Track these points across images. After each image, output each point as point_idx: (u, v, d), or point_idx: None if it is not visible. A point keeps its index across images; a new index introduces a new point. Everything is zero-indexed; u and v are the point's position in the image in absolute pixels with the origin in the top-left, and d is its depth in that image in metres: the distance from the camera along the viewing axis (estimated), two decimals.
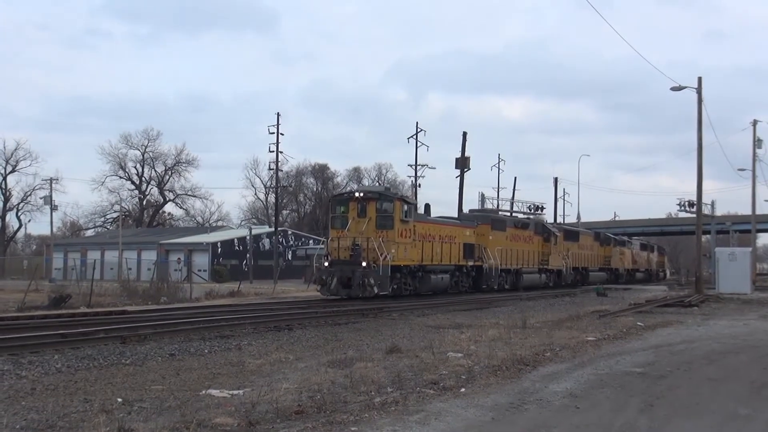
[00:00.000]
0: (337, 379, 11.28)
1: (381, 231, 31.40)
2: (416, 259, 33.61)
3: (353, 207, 32.38)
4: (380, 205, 32.15)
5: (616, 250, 66.50)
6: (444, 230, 37.21)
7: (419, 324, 22.38)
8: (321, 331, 20.00)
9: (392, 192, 34.36)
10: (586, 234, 62.26)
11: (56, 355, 14.77)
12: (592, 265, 60.63)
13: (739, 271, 46.39)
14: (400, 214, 32.16)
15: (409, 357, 13.84)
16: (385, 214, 31.97)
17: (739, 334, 20.37)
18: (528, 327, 19.64)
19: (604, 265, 63.30)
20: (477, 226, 41.34)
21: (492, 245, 41.82)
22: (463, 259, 38.63)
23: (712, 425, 8.67)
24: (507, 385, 11.13)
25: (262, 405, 9.24)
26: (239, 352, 15.71)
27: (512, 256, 44.50)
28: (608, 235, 67.48)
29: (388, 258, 30.39)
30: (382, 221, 31.82)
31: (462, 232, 39.32)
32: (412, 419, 8.62)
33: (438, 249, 35.62)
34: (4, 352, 14.57)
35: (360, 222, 31.62)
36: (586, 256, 59.28)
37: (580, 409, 9.56)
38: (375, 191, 33.57)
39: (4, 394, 10.90)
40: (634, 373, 12.66)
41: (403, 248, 32.15)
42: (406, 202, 33.29)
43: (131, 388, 11.29)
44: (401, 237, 32.03)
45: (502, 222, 45.67)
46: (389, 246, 30.79)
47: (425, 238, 34.44)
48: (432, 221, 36.86)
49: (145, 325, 18.97)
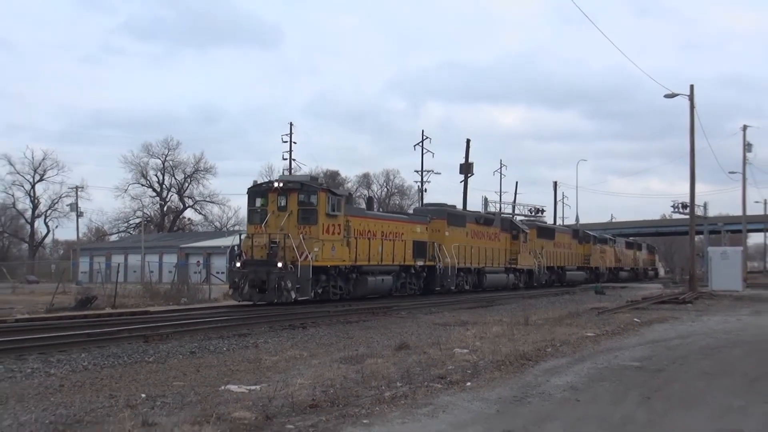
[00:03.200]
0: (349, 374, 11.28)
1: (303, 226, 26.55)
2: (348, 258, 28.58)
3: (273, 199, 27.17)
4: (302, 197, 26.95)
5: (597, 248, 62.69)
6: (387, 226, 32.17)
7: (427, 321, 22.35)
8: (333, 329, 20.00)
9: (317, 182, 28.21)
10: (563, 231, 58.61)
11: (83, 353, 14.80)
12: (570, 264, 56.48)
13: (730, 270, 46.42)
14: (326, 207, 27.01)
15: (417, 353, 13.83)
16: (308, 207, 26.85)
17: (732, 329, 20.30)
18: (530, 324, 19.60)
19: (583, 264, 59.51)
20: (430, 222, 36.17)
21: (448, 242, 36.57)
22: (411, 258, 33.55)
23: (708, 417, 8.63)
24: (511, 379, 11.11)
25: (278, 399, 9.24)
26: (256, 350, 15.72)
27: (473, 254, 39.34)
28: (587, 233, 63.86)
29: (309, 257, 25.64)
30: (304, 215, 26.78)
31: (411, 228, 34.16)
32: (421, 412, 8.62)
33: (378, 247, 30.65)
34: (34, 351, 14.64)
35: (280, 216, 26.58)
36: (563, 255, 55.00)
37: (580, 401, 9.54)
38: (296, 181, 28.04)
39: (34, 391, 10.94)
40: (631, 368, 12.64)
41: (329, 246, 27.23)
42: (333, 194, 27.91)
43: (154, 385, 11.31)
44: (327, 233, 27.11)
45: (461, 217, 40.23)
46: (311, 244, 26.02)
47: (362, 235, 29.71)
48: (372, 216, 32.33)
49: (167, 325, 19.00)
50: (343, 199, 28.61)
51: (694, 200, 45.51)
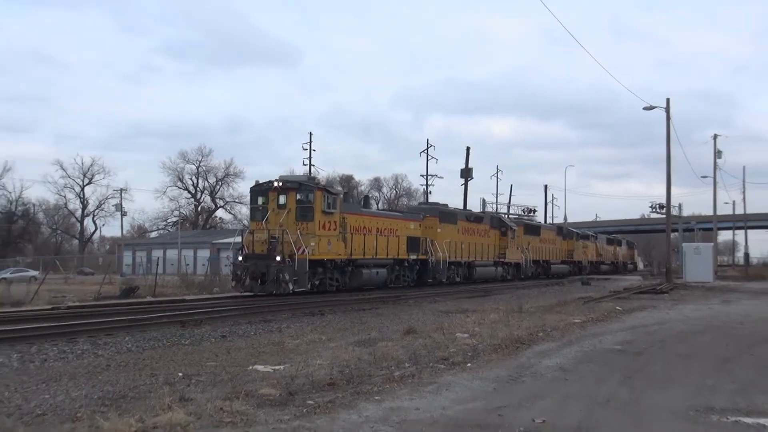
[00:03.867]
0: (362, 356, 11.29)
1: (300, 223, 25.56)
2: (343, 253, 27.69)
3: (273, 198, 26.32)
4: (300, 196, 26.02)
5: (579, 244, 61.09)
6: (383, 223, 31.27)
7: (431, 309, 22.34)
8: (348, 316, 20.03)
9: (314, 182, 27.09)
10: (548, 228, 57.53)
11: (127, 336, 14.92)
12: (554, 258, 54.95)
13: (703, 263, 46.42)
14: (322, 205, 26.07)
15: (423, 337, 13.82)
16: (305, 205, 25.87)
17: (705, 316, 20.22)
18: (523, 311, 19.55)
19: (567, 258, 57.81)
20: (423, 219, 35.23)
21: (440, 238, 35.59)
22: (405, 252, 32.63)
23: (683, 395, 8.61)
24: (506, 360, 11.10)
25: (300, 378, 9.26)
26: (280, 334, 15.77)
27: (464, 249, 38.40)
28: (570, 230, 62.70)
29: (305, 252, 24.80)
30: (302, 213, 25.82)
31: (405, 225, 33.30)
32: (426, 390, 8.62)
33: (373, 242, 29.72)
34: (83, 335, 14.76)
35: (279, 213, 25.69)
36: (547, 250, 53.68)
37: (568, 380, 9.53)
38: (294, 180, 27.03)
39: (84, 370, 11.02)
40: (614, 350, 12.60)
41: (325, 241, 26.32)
42: (329, 193, 26.97)
43: (190, 365, 11.35)
44: (323, 229, 26.19)
45: (452, 215, 39.06)
46: (308, 239, 25.14)
47: (358, 231, 28.80)
48: (368, 213, 31.26)
49: (201, 312, 19.07)
50: (338, 197, 27.77)
51: (670, 201, 45.46)
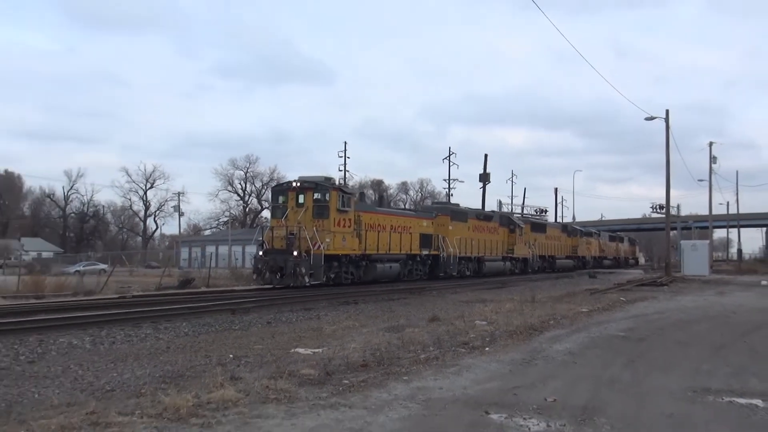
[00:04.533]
0: (391, 340, 11.29)
1: (317, 220, 24.37)
2: (357, 248, 26.39)
3: (292, 197, 25.10)
4: (316, 195, 24.82)
5: (583, 240, 58.79)
6: (396, 221, 29.81)
7: (453, 299, 22.29)
8: (379, 305, 20.04)
9: (330, 182, 25.92)
10: (553, 226, 55.18)
11: (184, 322, 15.04)
12: (559, 254, 52.76)
13: (699, 259, 45.83)
14: (337, 203, 24.88)
15: (446, 324, 13.79)
16: (321, 203, 24.67)
17: (701, 306, 19.93)
18: (536, 301, 19.42)
19: (571, 254, 55.64)
20: (436, 217, 33.76)
21: (451, 235, 34.12)
22: (418, 248, 31.23)
23: (681, 378, 8.49)
24: (521, 345, 11.03)
25: (336, 360, 9.28)
26: (318, 321, 15.82)
27: (474, 245, 36.79)
28: (575, 228, 60.94)
29: (321, 247, 23.63)
30: (318, 211, 24.58)
31: (418, 222, 31.86)
32: (449, 371, 8.60)
33: (387, 239, 28.32)
34: (146, 321, 14.91)
35: (298, 211, 24.45)
36: (553, 246, 51.36)
37: (577, 364, 9.44)
38: (312, 181, 25.67)
39: (147, 351, 11.16)
40: (618, 337, 12.47)
41: (340, 237, 25.06)
42: (344, 192, 25.80)
43: (239, 347, 11.43)
44: (338, 226, 24.97)
45: (463, 214, 37.36)
46: (323, 235, 23.98)
47: (372, 228, 27.42)
48: (382, 212, 29.75)
49: (249, 301, 19.17)
50: (352, 196, 26.59)
51: (670, 203, 44.94)
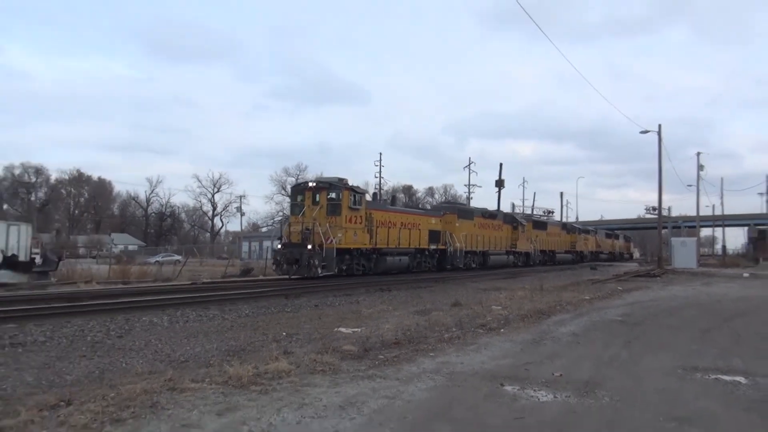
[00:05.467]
0: (420, 322, 11.28)
1: (330, 217, 23.36)
2: (368, 243, 25.14)
3: (308, 195, 24.11)
4: (330, 194, 23.81)
5: (581, 237, 57.07)
6: (406, 218, 28.53)
7: (473, 287, 22.15)
8: (408, 292, 20.02)
9: (343, 182, 24.48)
10: (554, 224, 53.49)
11: (245, 305, 15.19)
12: (559, 249, 51.11)
13: (688, 254, 45.13)
14: (349, 202, 23.73)
15: (466, 308, 13.73)
16: (335, 202, 23.62)
17: (690, 295, 19.48)
18: (544, 290, 19.20)
19: (570, 249, 54.00)
20: (444, 215, 32.38)
21: (458, 231, 32.65)
22: (426, 243, 29.80)
23: (673, 357, 8.32)
24: (531, 327, 10.92)
25: (373, 338, 9.30)
26: (357, 305, 15.86)
27: (479, 240, 35.37)
28: (573, 225, 59.40)
29: (333, 241, 22.58)
30: (332, 208, 23.56)
31: (427, 220, 30.51)
32: (469, 349, 8.56)
33: (397, 234, 27.07)
34: (214, 303, 15.11)
35: (313, 209, 23.51)
36: (553, 241, 49.83)
37: (580, 344, 9.31)
38: (326, 181, 24.68)
39: (215, 329, 11.31)
40: (616, 321, 12.26)
41: (351, 233, 23.90)
42: (355, 192, 24.40)
43: (291, 327, 11.52)
44: (350, 223, 23.83)
45: (469, 212, 36.04)
46: (335, 231, 22.91)
47: (383, 225, 26.25)
48: (393, 210, 28.44)
49: (299, 288, 19.32)
50: (363, 196, 25.11)
51: (662, 205, 44.07)
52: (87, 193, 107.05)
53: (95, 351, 8.99)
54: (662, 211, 45.87)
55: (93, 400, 5.43)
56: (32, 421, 4.88)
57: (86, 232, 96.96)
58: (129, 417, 4.97)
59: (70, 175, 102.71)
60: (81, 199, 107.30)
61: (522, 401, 5.81)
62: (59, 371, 7.61)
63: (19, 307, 13.06)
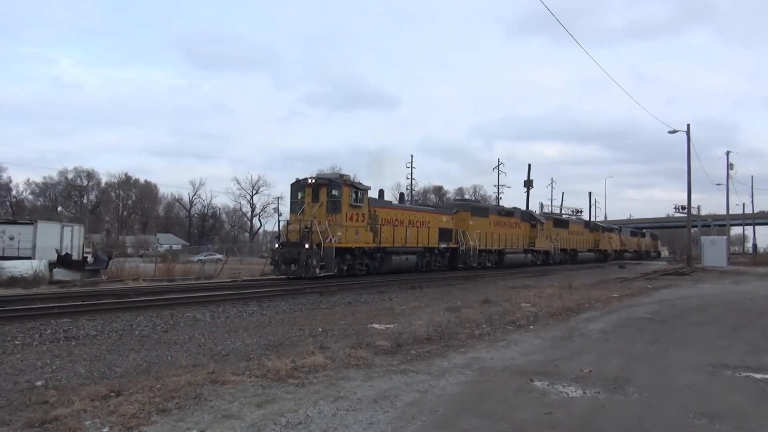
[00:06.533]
0: (450, 319, 11.23)
1: (330, 215, 21.60)
2: (372, 241, 23.37)
3: (308, 192, 22.20)
4: (330, 191, 21.97)
5: (605, 235, 54.00)
6: (415, 216, 26.69)
7: (502, 285, 21.94)
8: (440, 289, 19.94)
9: (343, 179, 22.67)
10: (576, 222, 50.30)
11: (282, 301, 15.32)
12: (581, 247, 48.03)
13: (718, 252, 43.83)
14: (349, 199, 21.96)
15: (496, 305, 13.61)
16: (335, 199, 21.88)
17: (719, 293, 18.95)
18: (573, 288, 18.90)
19: (593, 247, 50.85)
20: (456, 213, 30.42)
21: (471, 229, 30.58)
22: (436, 242, 27.87)
23: (702, 353, 8.11)
24: (560, 324, 10.78)
25: (405, 334, 9.29)
26: (390, 302, 15.87)
27: (494, 238, 33.19)
28: (597, 224, 56.51)
29: (332, 240, 20.87)
30: (332, 206, 21.79)
31: (437, 218, 28.53)
32: (499, 345, 8.48)
33: (403, 233, 25.27)
34: (253, 300, 15.28)
35: (313, 206, 21.73)
36: (575, 240, 46.85)
37: (609, 340, 9.15)
38: (326, 178, 22.76)
39: (254, 324, 11.45)
40: (645, 318, 12.01)
41: (353, 231, 22.17)
42: (356, 189, 22.52)
43: (326, 323, 11.60)
44: (350, 221, 22.10)
45: (484, 209, 33.86)
46: (335, 229, 21.20)
47: (389, 223, 24.49)
48: (399, 207, 26.62)
49: (334, 285, 19.36)
50: (365, 192, 23.10)
51: (691, 204, 42.98)
52: (134, 195, 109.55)
53: (143, 345, 9.20)
54: (691, 210, 44.78)
55: (141, 391, 5.57)
56: (85, 410, 5.02)
57: (134, 232, 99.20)
58: (174, 407, 5.07)
59: (119, 179, 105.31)
60: (129, 202, 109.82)
61: (551, 396, 5.74)
62: (109, 363, 7.82)
63: (73, 303, 13.47)
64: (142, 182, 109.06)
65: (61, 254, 27.61)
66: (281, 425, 4.67)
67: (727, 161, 57.72)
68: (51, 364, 7.74)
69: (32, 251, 27.36)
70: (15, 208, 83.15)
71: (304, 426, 4.66)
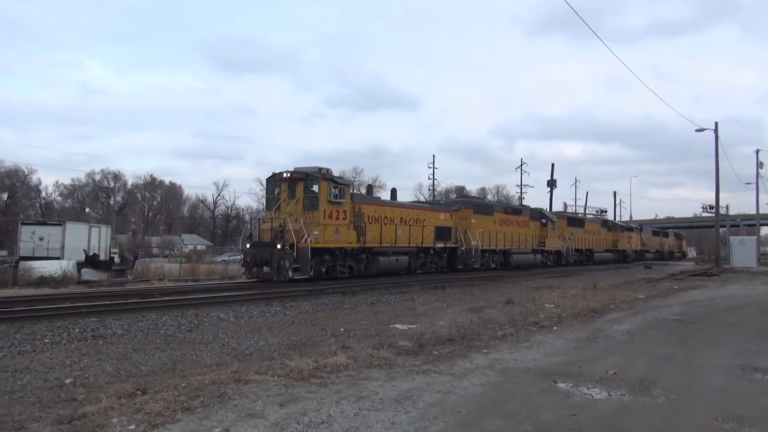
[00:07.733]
0: (473, 319, 11.17)
1: (307, 212, 19.75)
2: (355, 241, 21.43)
3: (284, 188, 20.29)
4: (307, 186, 20.06)
5: (624, 235, 51.64)
6: (407, 213, 24.64)
7: (525, 286, 21.75)
8: (462, 290, 19.84)
9: (321, 172, 20.38)
10: (593, 221, 48.10)
11: (305, 302, 15.38)
12: (598, 247, 45.80)
13: (747, 252, 42.75)
14: (327, 195, 20.02)
15: (519, 306, 13.51)
16: (312, 194, 19.97)
17: (749, 294, 18.55)
18: (597, 288, 18.68)
19: (611, 247, 48.58)
20: (457, 211, 28.54)
21: (474, 228, 28.66)
22: (432, 241, 25.89)
23: (731, 356, 7.94)
24: (584, 325, 10.65)
25: (427, 335, 9.28)
26: (412, 302, 15.84)
27: (500, 238, 31.19)
28: (615, 223, 54.43)
29: (308, 240, 19.00)
30: (309, 202, 19.91)
31: (434, 215, 26.57)
32: (522, 346, 8.42)
33: (393, 232, 23.30)
34: (276, 300, 15.36)
35: (289, 203, 19.88)
36: (591, 240, 44.60)
37: (635, 342, 9.01)
38: (303, 171, 20.48)
39: (277, 324, 11.53)
40: (672, 320, 11.81)
41: (332, 230, 20.26)
42: (336, 183, 20.60)
43: (348, 323, 11.62)
44: (329, 218, 20.12)
45: (488, 207, 31.78)
46: (311, 228, 19.33)
47: (376, 221, 22.49)
48: (389, 204, 24.37)
49: (356, 285, 19.34)
50: (346, 187, 21.20)
51: (719, 203, 42.12)
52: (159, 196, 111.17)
53: (168, 344, 9.32)
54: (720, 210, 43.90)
55: (166, 390, 5.65)
56: (112, 408, 5.11)
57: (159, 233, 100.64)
58: (199, 406, 5.14)
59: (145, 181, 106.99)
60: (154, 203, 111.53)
61: (575, 398, 5.67)
62: (136, 362, 7.94)
63: (100, 303, 13.73)
64: (167, 183, 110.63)
65: (88, 255, 28.14)
66: (304, 424, 4.69)
67: (757, 159, 56.46)
68: (79, 362, 7.90)
69: (61, 252, 27.92)
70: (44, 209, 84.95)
71: (326, 425, 4.69)
